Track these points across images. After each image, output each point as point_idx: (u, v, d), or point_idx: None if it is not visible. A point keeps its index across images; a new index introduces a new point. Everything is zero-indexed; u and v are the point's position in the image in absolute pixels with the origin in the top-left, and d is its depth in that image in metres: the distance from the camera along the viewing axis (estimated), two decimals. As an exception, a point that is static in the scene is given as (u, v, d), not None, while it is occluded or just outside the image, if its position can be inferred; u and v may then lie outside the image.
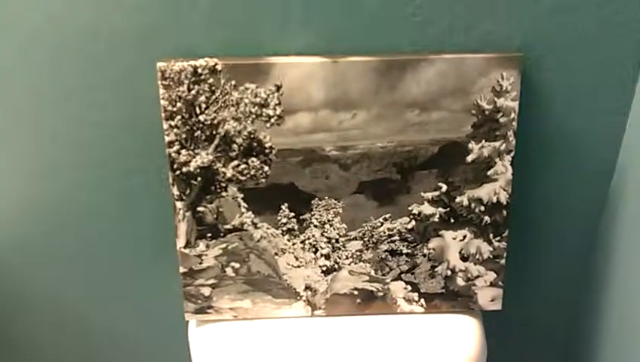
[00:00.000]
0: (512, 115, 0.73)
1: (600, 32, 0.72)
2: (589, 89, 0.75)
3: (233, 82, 0.71)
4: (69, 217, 0.84)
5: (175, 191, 0.77)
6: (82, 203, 0.83)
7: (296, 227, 0.79)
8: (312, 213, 0.78)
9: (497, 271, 0.81)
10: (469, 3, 0.70)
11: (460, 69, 0.71)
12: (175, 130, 0.74)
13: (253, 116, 0.73)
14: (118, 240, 0.86)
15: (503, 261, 0.81)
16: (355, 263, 0.81)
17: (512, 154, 0.75)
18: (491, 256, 0.80)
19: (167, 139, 0.74)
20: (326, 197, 0.77)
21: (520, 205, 0.81)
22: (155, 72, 0.72)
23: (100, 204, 0.83)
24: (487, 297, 0.83)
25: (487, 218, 0.78)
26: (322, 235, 0.80)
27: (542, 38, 0.72)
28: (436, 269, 0.81)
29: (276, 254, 0.80)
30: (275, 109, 0.73)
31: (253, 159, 0.75)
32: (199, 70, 0.71)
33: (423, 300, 0.83)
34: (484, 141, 0.74)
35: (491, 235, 0.79)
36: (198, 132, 0.74)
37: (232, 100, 0.72)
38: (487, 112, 0.73)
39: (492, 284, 0.82)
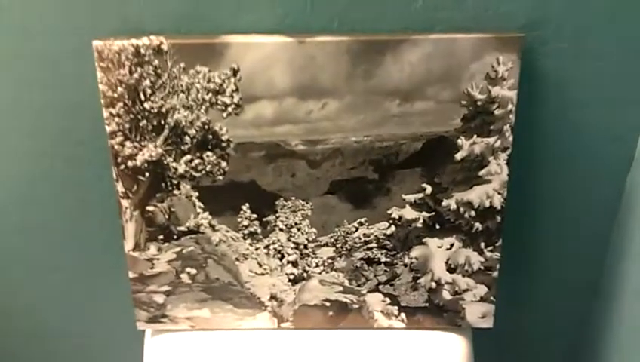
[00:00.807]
0: (510, 106, 0.63)
1: (619, 10, 0.61)
2: (603, 77, 0.64)
3: (182, 65, 0.61)
4: (11, 210, 0.75)
5: (120, 187, 0.67)
6: (23, 194, 0.74)
7: (259, 230, 0.70)
8: (277, 215, 0.69)
9: (489, 285, 0.72)
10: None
11: (448, 52, 0.60)
12: (117, 118, 0.64)
13: (207, 104, 0.63)
14: (64, 237, 0.77)
15: (495, 273, 0.71)
16: (327, 272, 0.72)
17: (509, 152, 0.65)
18: (482, 268, 0.71)
19: (108, 129, 0.64)
20: (292, 198, 0.68)
21: (515, 211, 0.71)
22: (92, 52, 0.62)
23: (43, 197, 0.74)
24: (477, 313, 0.73)
25: (478, 225, 0.68)
26: (289, 240, 0.71)
27: (549, 16, 0.61)
28: (419, 281, 0.72)
29: (237, 260, 0.72)
30: (232, 97, 0.63)
31: (209, 153, 0.66)
32: (142, 50, 0.61)
33: (403, 314, 0.74)
34: (475, 136, 0.64)
35: (483, 244, 0.70)
36: (144, 121, 0.64)
37: (181, 86, 0.63)
38: (479, 103, 0.63)
39: (483, 299, 0.72)
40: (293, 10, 0.62)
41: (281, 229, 0.71)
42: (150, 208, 0.69)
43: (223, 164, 0.67)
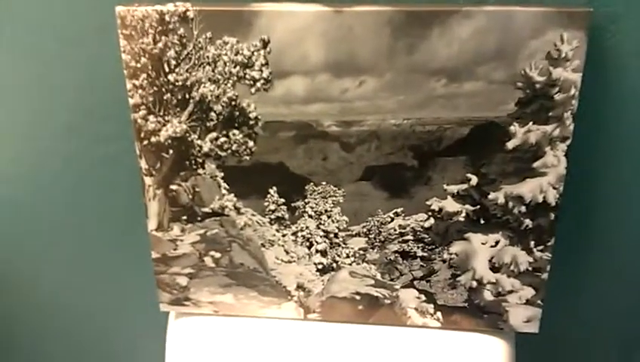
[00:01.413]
0: (572, 90, 0.55)
1: None
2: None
3: (209, 34, 0.57)
4: (33, 189, 0.73)
5: (143, 164, 0.64)
6: (47, 173, 0.71)
7: (286, 216, 0.65)
8: (307, 200, 0.64)
9: (537, 287, 0.65)
10: None
11: (505, 27, 0.53)
12: (140, 91, 0.60)
13: (235, 78, 0.59)
14: (89, 214, 0.75)
15: (545, 275, 0.64)
16: (358, 264, 0.67)
17: (568, 142, 0.57)
18: (530, 269, 0.64)
19: (131, 101, 0.61)
20: (323, 183, 0.63)
21: (571, 207, 0.63)
22: (115, 18, 0.58)
23: (66, 175, 0.71)
24: (522, 317, 0.67)
25: (528, 221, 0.62)
26: (318, 228, 0.66)
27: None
28: (458, 279, 0.66)
29: (263, 246, 0.67)
30: (261, 71, 0.58)
31: (235, 131, 0.61)
32: (167, 17, 0.57)
33: (439, 313, 0.68)
34: (531, 123, 0.57)
35: (532, 243, 0.63)
36: (168, 95, 0.60)
37: (207, 57, 0.58)
38: (538, 86, 0.55)
39: (528, 302, 0.66)
40: (330, -24, 0.56)
41: (310, 216, 0.66)
42: (174, 187, 0.66)
43: (250, 143, 0.62)
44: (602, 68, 0.57)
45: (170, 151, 0.64)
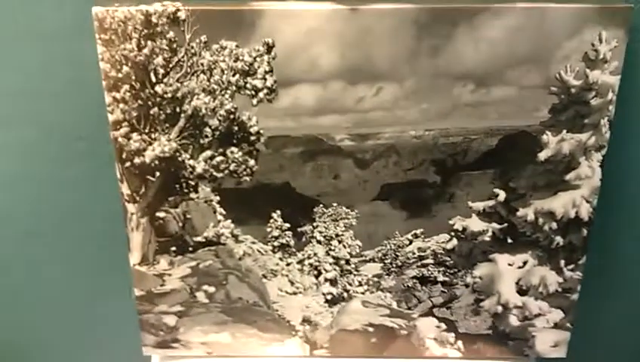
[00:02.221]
0: (610, 95, 0.50)
1: None
2: None
3: (203, 38, 0.49)
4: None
5: (125, 189, 0.55)
6: (17, 193, 0.61)
7: (292, 242, 0.58)
8: (315, 224, 0.57)
9: (566, 310, 0.60)
10: None
11: (538, 26, 0.48)
12: (122, 105, 0.52)
13: (233, 88, 0.51)
14: (59, 248, 0.65)
15: (575, 296, 0.59)
16: (372, 292, 0.60)
17: (604, 151, 0.52)
18: (560, 290, 0.59)
19: (111, 118, 0.52)
20: (334, 204, 0.56)
21: (603, 223, 0.58)
22: (91, 21, 0.49)
23: (38, 197, 0.61)
24: (549, 341, 0.62)
25: (559, 239, 0.56)
26: (328, 254, 0.59)
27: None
28: (482, 304, 0.60)
29: (264, 277, 0.60)
30: (264, 79, 0.50)
31: (234, 149, 0.54)
32: (154, 19, 0.49)
33: (460, 342, 0.62)
34: (565, 132, 0.52)
35: (563, 262, 0.57)
36: (155, 109, 0.52)
37: (202, 65, 0.50)
38: (573, 90, 0.50)
39: (557, 326, 0.61)
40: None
41: (318, 241, 0.59)
42: (161, 214, 0.57)
43: (251, 162, 0.54)
44: (637, 70, 0.52)
45: (157, 174, 0.55)
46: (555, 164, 0.54)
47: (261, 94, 0.52)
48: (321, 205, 0.57)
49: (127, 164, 0.55)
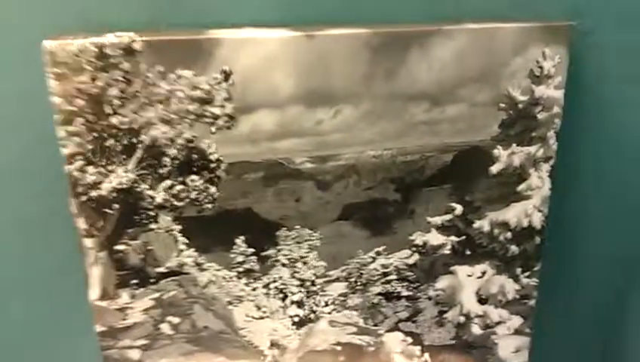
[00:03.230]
0: (555, 108, 0.52)
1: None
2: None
3: (160, 68, 0.48)
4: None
5: (82, 224, 0.53)
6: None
7: (257, 267, 0.57)
8: (279, 247, 0.56)
9: (525, 315, 0.61)
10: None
11: (487, 45, 0.49)
12: (76, 138, 0.50)
13: (192, 117, 0.50)
14: (12, 286, 0.61)
15: (532, 302, 0.61)
16: (338, 311, 0.60)
17: (552, 162, 0.54)
18: (518, 297, 0.60)
19: (64, 151, 0.50)
20: (297, 227, 0.55)
21: (555, 231, 0.60)
22: (42, 54, 0.47)
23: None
24: (510, 347, 0.63)
25: (514, 248, 0.58)
26: (293, 277, 0.58)
27: (599, 2, 0.51)
28: (445, 316, 0.61)
29: (230, 303, 0.58)
30: (223, 107, 0.50)
31: (194, 177, 0.52)
32: (107, 51, 0.47)
33: (427, 355, 0.62)
34: (514, 145, 0.53)
35: (519, 270, 0.59)
36: (111, 140, 0.50)
37: (159, 94, 0.49)
38: (521, 106, 0.52)
39: (517, 332, 0.62)
40: (296, -3, 0.50)
41: (283, 264, 0.58)
42: (120, 247, 0.55)
43: (212, 189, 0.53)
44: (584, 83, 0.55)
45: (116, 206, 0.53)
46: (507, 177, 0.56)
47: (220, 121, 0.51)
48: (285, 228, 0.56)
49: (83, 198, 0.52)
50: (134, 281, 0.57)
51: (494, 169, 0.55)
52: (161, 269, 0.57)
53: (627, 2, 0.52)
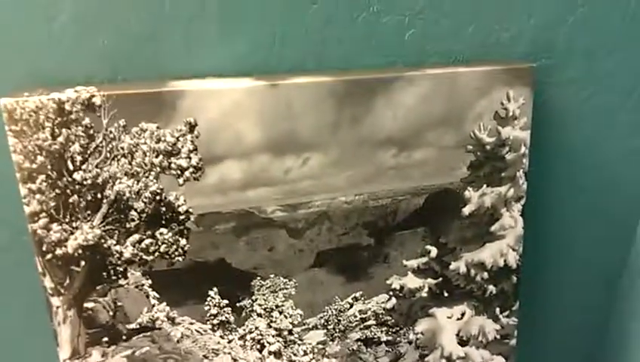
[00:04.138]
0: (522, 149, 0.50)
1: (635, 31, 0.50)
2: (619, 110, 0.53)
3: (122, 122, 0.45)
4: None
5: (48, 282, 0.49)
6: None
7: (232, 319, 0.53)
8: (254, 297, 0.53)
9: (507, 355, 0.58)
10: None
11: (450, 89, 0.48)
12: (38, 196, 0.46)
13: (158, 169, 0.47)
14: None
15: (513, 341, 0.57)
16: (318, 360, 0.56)
17: (523, 201, 0.52)
18: (498, 336, 0.57)
19: (27, 210, 0.46)
20: (272, 276, 0.52)
21: (531, 269, 0.58)
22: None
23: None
24: (494, 388, 0.59)
25: (492, 288, 0.55)
26: (270, 326, 0.54)
27: (556, 40, 0.49)
28: (427, 359, 0.57)
29: (206, 357, 0.54)
30: (189, 158, 0.47)
31: (163, 230, 0.49)
32: (67, 106, 0.44)
33: (410, 400, 0.58)
34: (485, 186, 0.51)
35: (498, 310, 0.56)
36: (75, 197, 0.47)
37: (122, 149, 0.46)
38: (488, 147, 0.50)
39: (500, 372, 0.58)
40: (258, 45, 0.47)
41: (259, 314, 0.54)
42: (89, 305, 0.51)
43: (182, 241, 0.50)
44: (549, 122, 0.53)
45: (82, 263, 0.50)
46: (479, 217, 0.53)
47: (187, 173, 0.48)
48: (259, 278, 0.53)
49: (49, 256, 0.49)
50: (105, 339, 0.53)
51: (466, 210, 0.52)
52: (133, 325, 0.53)
53: (589, 39, 0.51)
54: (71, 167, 0.46)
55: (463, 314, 0.57)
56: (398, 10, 0.48)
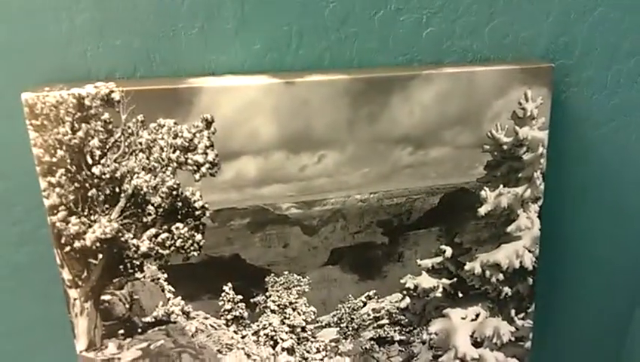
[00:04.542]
0: (540, 149, 0.49)
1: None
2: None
3: (140, 117, 0.45)
4: None
5: (66, 274, 0.49)
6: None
7: (245, 314, 0.53)
8: (268, 294, 0.52)
9: (521, 358, 0.57)
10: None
11: (467, 88, 0.47)
12: (57, 189, 0.47)
13: (175, 165, 0.47)
14: (1, 338, 0.57)
15: (528, 344, 0.56)
16: (330, 357, 0.56)
17: (540, 202, 0.50)
18: (513, 339, 0.56)
19: (46, 202, 0.47)
20: (285, 273, 0.52)
21: (547, 271, 0.56)
22: (21, 106, 0.44)
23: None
24: (508, 391, 0.57)
25: (507, 289, 0.54)
26: (283, 323, 0.54)
27: (577, 40, 0.48)
28: (440, 360, 0.56)
29: (220, 352, 0.54)
30: (205, 154, 0.47)
31: (179, 225, 0.49)
32: (87, 101, 0.45)
33: (423, 400, 0.57)
34: (501, 186, 0.50)
35: (513, 312, 0.55)
36: (93, 190, 0.47)
37: (140, 144, 0.46)
38: (505, 147, 0.49)
39: (514, 374, 0.57)
40: (275, 43, 0.47)
41: (272, 311, 0.54)
42: (106, 297, 0.51)
43: (198, 236, 0.50)
44: (568, 122, 0.52)
45: (100, 256, 0.50)
46: (496, 218, 0.52)
47: (203, 169, 0.48)
48: (273, 274, 0.53)
49: (67, 248, 0.49)
50: (121, 331, 0.53)
51: (482, 210, 0.52)
52: (148, 319, 0.53)
53: (608, 39, 0.50)
54: (90, 161, 0.47)
55: (477, 315, 0.56)
56: (416, 8, 0.47)
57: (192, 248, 0.51)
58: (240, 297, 0.53)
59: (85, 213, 0.48)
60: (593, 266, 0.59)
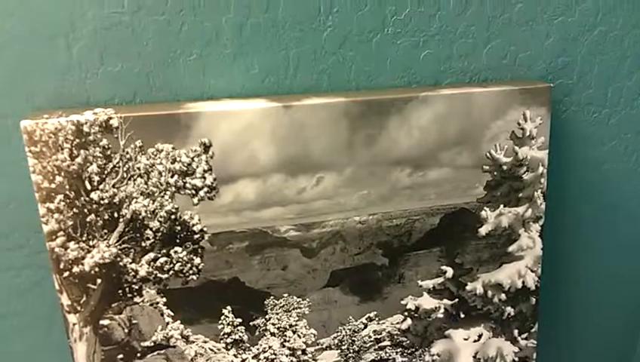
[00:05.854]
0: (540, 168, 0.49)
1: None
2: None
3: (138, 143, 0.45)
4: None
5: (65, 300, 0.49)
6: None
7: (245, 337, 0.53)
8: (267, 316, 0.52)
9: (525, 378, 0.56)
10: (476, 13, 0.46)
11: (465, 110, 0.47)
12: (56, 215, 0.47)
13: (173, 189, 0.47)
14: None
15: (532, 364, 0.55)
16: (332, 380, 0.55)
17: (541, 222, 0.50)
18: (517, 359, 0.55)
19: (45, 228, 0.47)
20: (285, 295, 0.51)
21: (550, 290, 0.56)
22: (20, 134, 0.45)
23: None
24: (513, 412, 0.57)
25: (509, 309, 0.53)
26: (283, 346, 0.54)
27: (573, 60, 0.48)
28: (443, 381, 0.55)
29: (220, 376, 0.53)
30: (204, 178, 0.47)
31: (177, 249, 0.49)
32: (85, 128, 0.45)
33: (426, 422, 0.56)
34: (502, 206, 0.50)
35: (516, 332, 0.54)
36: (92, 216, 0.47)
37: (138, 169, 0.46)
38: (505, 167, 0.49)
39: (519, 396, 0.56)
40: (273, 67, 0.47)
41: (272, 334, 0.54)
42: (105, 322, 0.51)
43: (197, 260, 0.50)
44: (568, 142, 0.52)
45: (99, 281, 0.50)
46: (497, 238, 0.52)
47: (202, 193, 0.48)
48: (272, 297, 0.52)
49: (66, 273, 0.49)
50: (120, 356, 0.53)
51: (483, 231, 0.51)
52: (147, 343, 0.53)
53: (607, 59, 0.50)
54: (88, 187, 0.47)
55: (480, 336, 0.55)
56: (413, 31, 0.47)
57: (190, 272, 0.51)
58: (239, 320, 0.53)
59: (84, 239, 0.48)
60: (597, 285, 0.59)
